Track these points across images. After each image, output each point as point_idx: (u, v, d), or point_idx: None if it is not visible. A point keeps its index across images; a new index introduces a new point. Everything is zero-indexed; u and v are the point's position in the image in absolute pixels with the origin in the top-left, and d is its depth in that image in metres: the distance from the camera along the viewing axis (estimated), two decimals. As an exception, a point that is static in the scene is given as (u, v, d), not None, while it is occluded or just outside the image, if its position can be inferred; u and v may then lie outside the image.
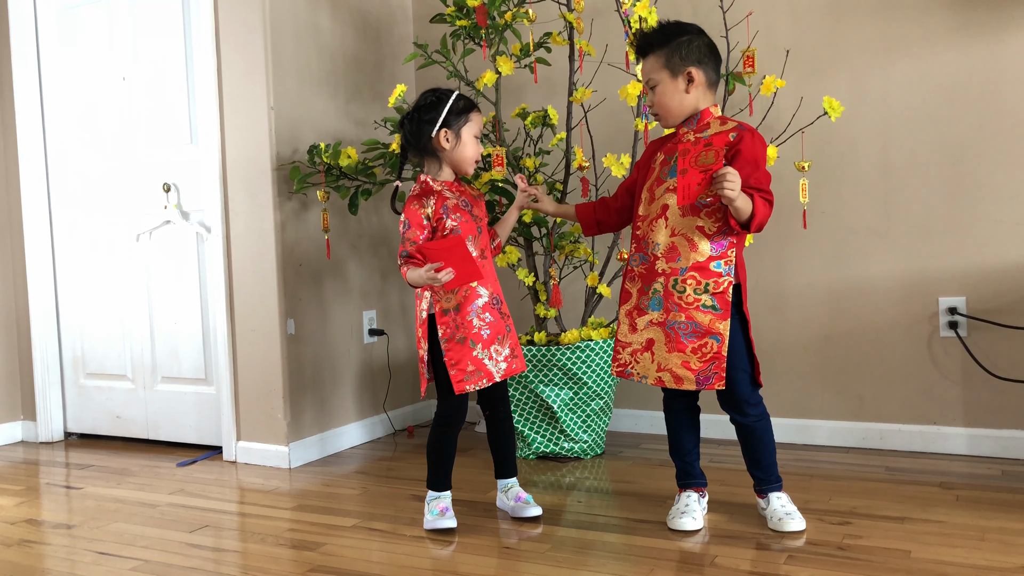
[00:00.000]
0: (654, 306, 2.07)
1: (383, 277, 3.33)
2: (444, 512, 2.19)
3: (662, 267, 2.05)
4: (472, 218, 2.19)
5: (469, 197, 2.23)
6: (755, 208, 1.93)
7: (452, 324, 2.15)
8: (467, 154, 2.18)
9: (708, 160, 1.93)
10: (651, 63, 2.07)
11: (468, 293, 2.16)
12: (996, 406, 2.63)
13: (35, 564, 2.06)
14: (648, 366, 2.07)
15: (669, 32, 2.06)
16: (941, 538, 1.97)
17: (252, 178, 2.87)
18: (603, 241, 3.02)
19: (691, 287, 2.01)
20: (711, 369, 2.00)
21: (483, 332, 2.16)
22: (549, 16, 2.98)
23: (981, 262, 2.63)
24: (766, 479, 2.12)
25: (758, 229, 1.97)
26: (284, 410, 2.87)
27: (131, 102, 3.21)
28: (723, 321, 2.00)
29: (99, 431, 3.40)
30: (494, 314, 2.19)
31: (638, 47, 2.10)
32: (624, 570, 1.87)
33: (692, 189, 1.93)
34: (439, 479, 2.23)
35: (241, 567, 1.98)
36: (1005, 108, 2.59)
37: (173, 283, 3.18)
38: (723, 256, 2.01)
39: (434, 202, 2.14)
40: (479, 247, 2.19)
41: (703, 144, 2.00)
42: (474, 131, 2.19)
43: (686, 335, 2.01)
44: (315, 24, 3.03)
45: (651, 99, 2.09)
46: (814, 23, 2.80)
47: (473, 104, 2.21)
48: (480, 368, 2.15)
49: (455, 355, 2.14)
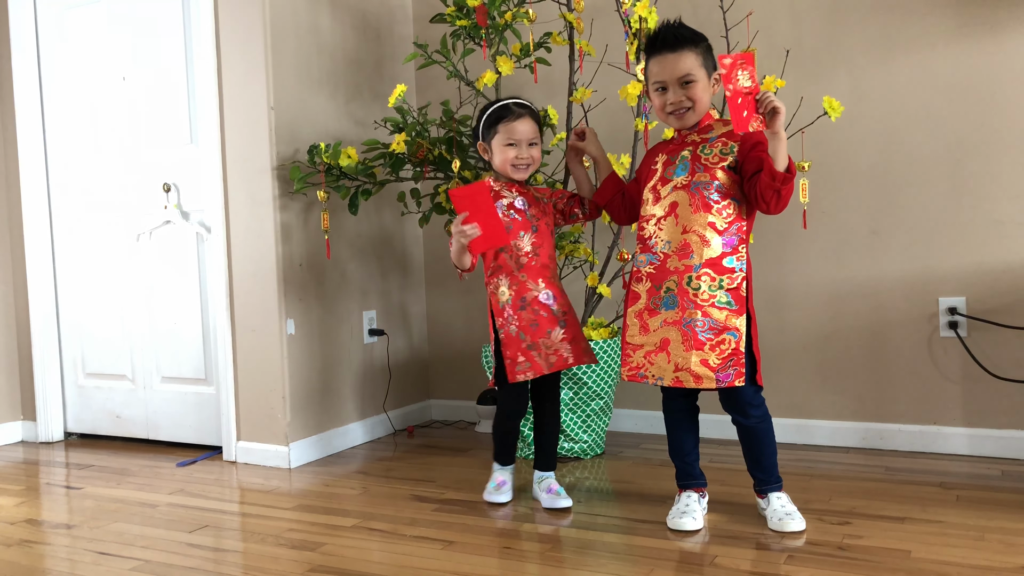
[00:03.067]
0: (668, 305, 2.06)
1: (383, 277, 3.33)
2: (501, 486, 2.40)
3: (674, 265, 2.04)
4: (527, 217, 2.34)
5: (529, 198, 2.37)
6: (790, 162, 1.94)
7: (505, 317, 2.32)
8: (497, 162, 2.36)
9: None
10: (691, 59, 2.05)
11: (518, 288, 2.31)
12: (996, 406, 2.63)
13: (35, 564, 2.06)
14: (664, 367, 2.06)
15: (695, 32, 2.08)
16: (941, 538, 1.97)
17: (252, 178, 2.87)
18: (603, 241, 3.02)
19: (706, 284, 2.01)
20: (730, 366, 2.00)
21: (532, 326, 2.29)
22: (549, 16, 2.98)
23: (981, 262, 2.63)
24: (767, 479, 2.12)
25: (785, 183, 1.93)
26: (284, 410, 2.87)
27: (131, 102, 3.21)
28: (739, 316, 2.00)
29: (99, 431, 3.40)
30: (545, 309, 2.31)
31: (672, 39, 2.05)
32: (624, 570, 1.87)
33: (742, 116, 1.91)
34: (499, 454, 2.46)
35: (241, 567, 1.98)
36: (1005, 108, 2.59)
37: (173, 283, 3.18)
38: (735, 252, 2.02)
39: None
40: (531, 244, 2.32)
41: (720, 142, 2.05)
42: (504, 140, 2.32)
43: (703, 332, 2.01)
44: (315, 24, 3.03)
45: (679, 95, 2.06)
46: (814, 23, 2.80)
47: (503, 115, 2.33)
48: (529, 359, 2.29)
49: (508, 346, 2.31)
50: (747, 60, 1.91)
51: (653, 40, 2.10)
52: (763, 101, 1.89)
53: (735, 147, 2.05)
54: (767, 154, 1.95)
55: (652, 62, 2.11)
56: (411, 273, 3.49)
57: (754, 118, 1.91)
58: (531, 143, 2.34)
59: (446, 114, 2.86)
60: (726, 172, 2.04)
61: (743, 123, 1.91)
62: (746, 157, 2.03)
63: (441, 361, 3.56)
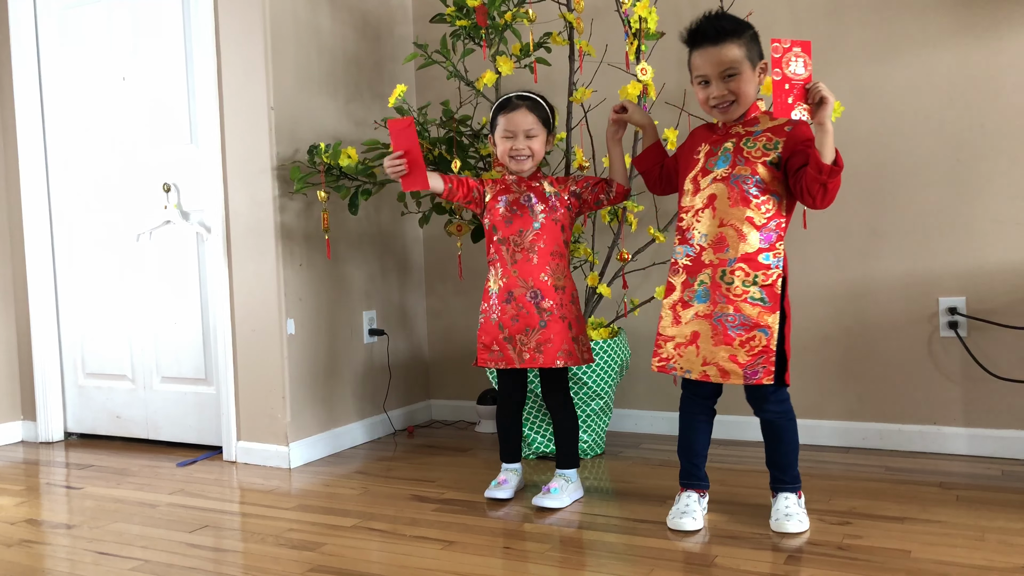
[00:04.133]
0: (700, 298, 2.04)
1: (383, 277, 3.33)
2: (501, 484, 2.42)
3: (709, 258, 2.03)
4: (531, 213, 2.37)
5: (538, 193, 2.39)
6: (837, 155, 1.91)
7: (490, 304, 2.39)
8: (498, 154, 2.41)
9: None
10: (733, 51, 2.00)
11: (507, 281, 2.36)
12: (996, 406, 2.63)
13: (35, 564, 2.06)
14: (693, 360, 2.05)
15: (739, 22, 2.03)
16: (941, 538, 1.97)
17: (252, 178, 2.87)
18: (603, 241, 3.02)
19: (739, 279, 1.99)
20: (759, 363, 1.98)
21: (513, 320, 2.34)
22: (549, 16, 2.98)
23: (981, 262, 2.63)
24: (781, 478, 2.11)
25: (832, 176, 1.90)
26: (284, 410, 2.87)
27: (131, 102, 3.21)
28: (772, 314, 1.98)
29: (99, 431, 3.40)
30: (529, 308, 2.33)
31: (714, 32, 2.01)
32: (624, 570, 1.87)
33: (786, 103, 1.88)
34: (501, 450, 2.50)
35: (241, 567, 1.98)
36: (1005, 108, 2.59)
37: (173, 283, 3.18)
38: (772, 248, 1.99)
39: (497, 189, 2.42)
40: (530, 241, 2.35)
41: (765, 136, 2.02)
42: (502, 132, 2.37)
43: (734, 328, 1.99)
44: (315, 24, 3.03)
45: (722, 89, 2.02)
46: (814, 23, 2.80)
47: (504, 105, 2.38)
48: (503, 350, 2.35)
49: (485, 332, 2.39)
50: (804, 48, 1.87)
51: (695, 32, 2.05)
52: (814, 90, 1.86)
53: (780, 143, 2.01)
54: (814, 148, 1.92)
55: (695, 55, 2.06)
56: (411, 273, 3.49)
57: (800, 106, 1.87)
58: (529, 134, 2.34)
59: (446, 114, 2.86)
60: (767, 168, 2.00)
61: (786, 109, 1.87)
62: (792, 152, 1.99)
63: (441, 361, 3.56)
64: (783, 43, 1.87)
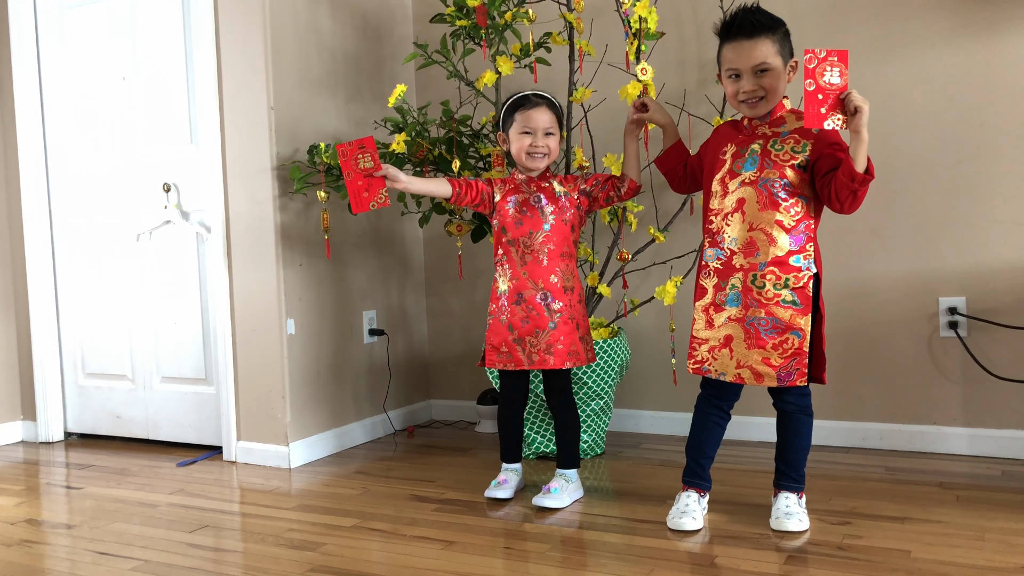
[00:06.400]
0: (732, 302, 2.04)
1: (383, 277, 3.33)
2: (501, 484, 2.42)
3: (739, 262, 2.03)
4: (541, 214, 2.36)
5: (548, 194, 2.38)
6: (869, 164, 1.90)
7: (499, 305, 2.39)
8: (513, 151, 2.39)
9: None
10: (767, 47, 1.99)
11: (517, 283, 2.35)
12: (996, 406, 2.63)
13: (35, 564, 2.06)
14: (727, 362, 2.05)
15: (774, 18, 2.02)
16: (941, 538, 1.97)
17: (252, 178, 2.87)
18: (603, 241, 3.02)
19: (771, 282, 1.99)
20: (792, 365, 1.99)
21: (523, 322, 2.34)
22: (549, 16, 2.98)
23: (981, 262, 2.63)
24: (786, 474, 2.11)
25: (864, 184, 1.88)
26: (284, 410, 2.87)
27: (131, 102, 3.21)
28: (804, 316, 1.98)
29: (99, 431, 3.40)
30: (539, 309, 2.34)
31: (749, 25, 1.99)
32: (624, 570, 1.87)
33: (818, 112, 1.86)
34: (502, 450, 2.49)
35: (241, 567, 1.98)
36: (1005, 108, 2.59)
37: (173, 283, 3.18)
38: (802, 250, 2.00)
39: (506, 189, 2.41)
40: (540, 242, 2.35)
41: (792, 139, 2.01)
42: (520, 128, 2.35)
43: (766, 331, 2.00)
44: (315, 24, 3.03)
45: (753, 84, 2.01)
46: (814, 23, 2.80)
47: (521, 103, 2.36)
48: (512, 351, 2.36)
49: (494, 333, 2.39)
50: (840, 57, 1.86)
51: (729, 25, 2.03)
52: (849, 100, 1.84)
53: (808, 145, 2.00)
54: (844, 153, 1.91)
55: (727, 48, 2.04)
56: (411, 273, 3.49)
57: (835, 117, 1.86)
58: (547, 132, 2.35)
59: (446, 114, 2.86)
60: (795, 171, 2.00)
61: (819, 119, 1.86)
62: (820, 155, 1.98)
63: (441, 361, 3.56)
64: (818, 53, 1.86)
